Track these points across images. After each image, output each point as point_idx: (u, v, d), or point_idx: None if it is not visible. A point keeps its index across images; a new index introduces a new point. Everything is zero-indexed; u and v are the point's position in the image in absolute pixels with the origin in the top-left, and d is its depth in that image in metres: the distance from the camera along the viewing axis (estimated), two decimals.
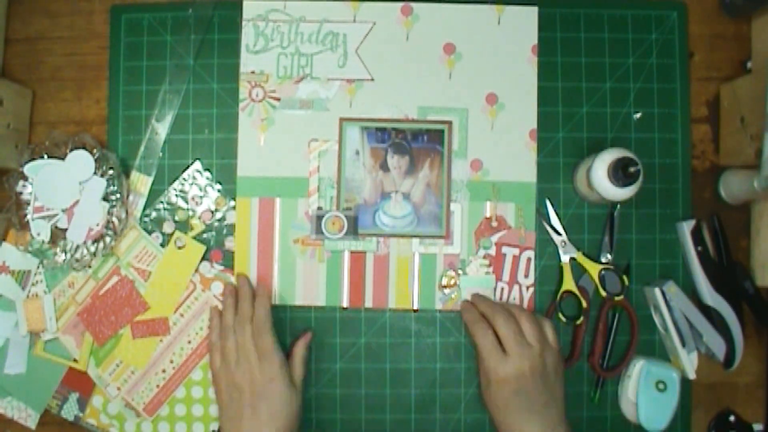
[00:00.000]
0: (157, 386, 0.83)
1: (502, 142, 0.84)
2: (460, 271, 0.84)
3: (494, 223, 0.84)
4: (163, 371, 0.83)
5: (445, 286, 0.83)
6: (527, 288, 0.84)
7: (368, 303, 0.84)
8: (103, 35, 0.86)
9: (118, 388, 0.83)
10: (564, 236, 0.84)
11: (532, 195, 0.84)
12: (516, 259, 0.84)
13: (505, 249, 0.84)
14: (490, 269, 0.84)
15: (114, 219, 0.81)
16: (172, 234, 0.84)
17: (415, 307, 0.84)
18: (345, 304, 0.84)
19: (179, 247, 0.84)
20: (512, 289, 0.84)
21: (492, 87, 0.85)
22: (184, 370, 0.83)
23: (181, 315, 0.84)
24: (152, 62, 0.86)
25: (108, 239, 0.82)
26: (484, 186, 0.84)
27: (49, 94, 0.87)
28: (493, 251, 0.84)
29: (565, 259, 0.83)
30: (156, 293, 0.84)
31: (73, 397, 0.83)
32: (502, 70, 0.85)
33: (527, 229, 0.84)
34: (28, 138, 0.86)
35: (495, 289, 0.83)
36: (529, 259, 0.84)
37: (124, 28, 0.86)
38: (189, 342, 0.83)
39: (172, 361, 0.83)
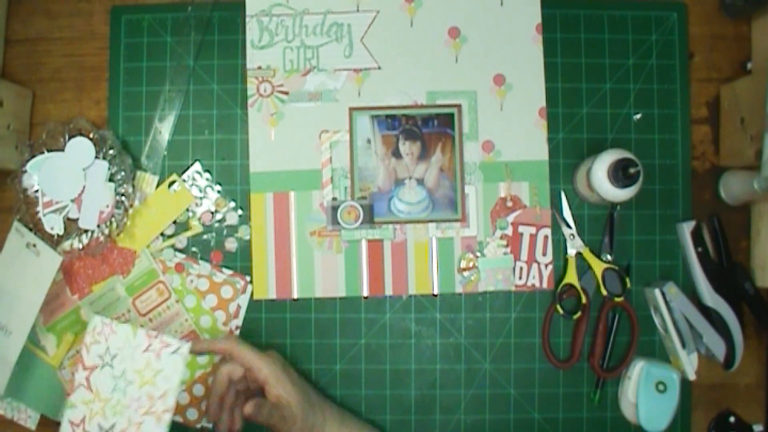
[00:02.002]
0: None
1: (512, 122, 0.84)
2: (478, 253, 0.84)
3: (509, 203, 0.84)
4: None
5: (464, 269, 0.83)
6: (546, 266, 0.84)
7: (388, 291, 0.84)
8: (103, 36, 0.86)
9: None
10: (573, 230, 0.84)
11: (545, 173, 0.84)
12: (533, 238, 0.84)
13: (521, 228, 0.84)
14: (508, 249, 0.84)
15: (122, 198, 0.81)
16: (171, 236, 0.84)
17: (434, 292, 0.84)
18: (365, 293, 0.84)
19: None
20: (531, 268, 0.84)
21: (499, 68, 0.85)
22: None
23: (150, 320, 0.82)
24: (152, 63, 0.86)
25: (120, 216, 0.82)
26: (496, 167, 0.84)
27: (49, 95, 0.87)
28: (509, 231, 0.84)
29: (571, 252, 0.84)
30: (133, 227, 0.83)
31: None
32: (507, 50, 0.85)
33: (542, 206, 0.84)
34: (28, 139, 0.85)
35: (514, 269, 0.83)
36: (546, 237, 0.84)
37: (124, 28, 0.86)
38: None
39: None
